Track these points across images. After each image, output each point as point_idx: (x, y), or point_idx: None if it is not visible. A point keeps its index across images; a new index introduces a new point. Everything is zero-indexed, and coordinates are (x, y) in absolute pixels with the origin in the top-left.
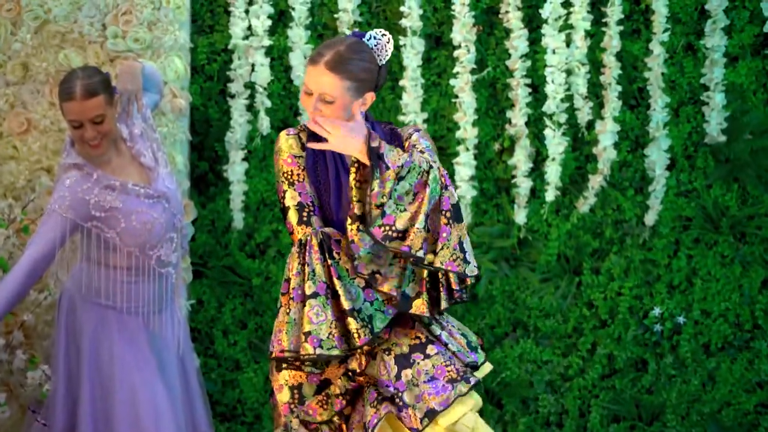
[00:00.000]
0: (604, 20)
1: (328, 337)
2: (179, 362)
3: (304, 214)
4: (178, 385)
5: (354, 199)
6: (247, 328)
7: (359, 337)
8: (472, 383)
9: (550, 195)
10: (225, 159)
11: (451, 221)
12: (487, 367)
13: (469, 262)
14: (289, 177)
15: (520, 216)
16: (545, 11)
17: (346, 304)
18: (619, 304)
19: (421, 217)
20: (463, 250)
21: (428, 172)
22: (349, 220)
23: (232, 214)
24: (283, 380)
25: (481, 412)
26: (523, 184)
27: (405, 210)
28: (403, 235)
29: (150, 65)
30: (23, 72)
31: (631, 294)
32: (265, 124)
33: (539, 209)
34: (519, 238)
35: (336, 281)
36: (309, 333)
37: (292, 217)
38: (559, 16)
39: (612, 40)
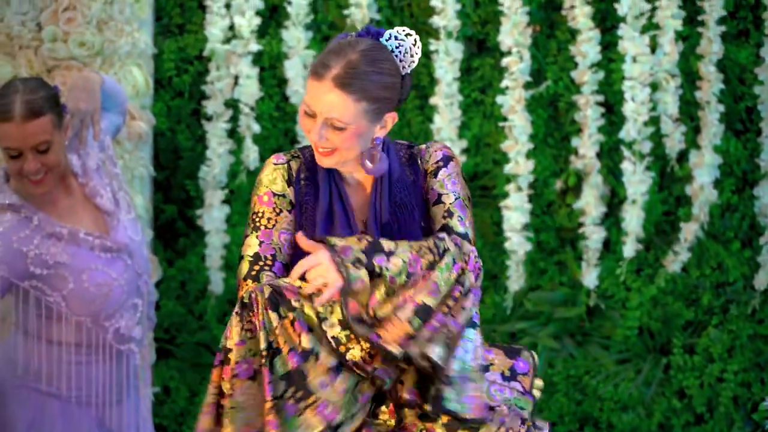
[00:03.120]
0: (700, 18)
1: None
2: None
3: (256, 267)
4: None
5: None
6: None
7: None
8: None
9: (630, 249)
10: (199, 201)
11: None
12: None
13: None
14: (257, 220)
15: (590, 277)
16: (623, 6)
17: (329, 360)
18: (721, 394)
19: (411, 307)
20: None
21: (442, 256)
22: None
23: (209, 274)
24: None
25: None
26: (594, 235)
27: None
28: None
29: (111, 78)
30: None
31: (736, 380)
32: (251, 155)
33: (615, 268)
34: (588, 307)
35: (305, 337)
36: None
37: (243, 268)
38: (641, 13)
39: (711, 45)
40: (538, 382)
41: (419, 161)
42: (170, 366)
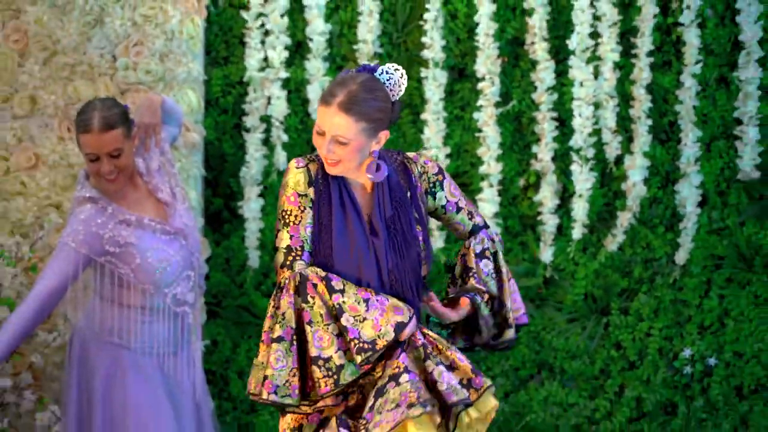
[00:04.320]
0: (633, 52)
1: (284, 384)
2: (194, 406)
3: (290, 257)
4: (193, 428)
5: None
6: None
7: (321, 387)
8: (427, 409)
9: (577, 232)
10: (240, 195)
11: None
12: (489, 403)
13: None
14: (286, 217)
15: (546, 254)
16: (572, 42)
17: (312, 351)
18: (648, 346)
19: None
20: None
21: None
22: None
23: (248, 252)
24: (286, 424)
25: None
26: (549, 222)
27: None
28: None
29: (170, 99)
30: (31, 105)
31: (660, 335)
32: (281, 158)
33: (566, 247)
34: (545, 277)
35: (307, 327)
36: (266, 377)
37: (279, 258)
38: (586, 48)
39: (642, 72)
40: (491, 403)
41: (411, 166)
42: (217, 324)
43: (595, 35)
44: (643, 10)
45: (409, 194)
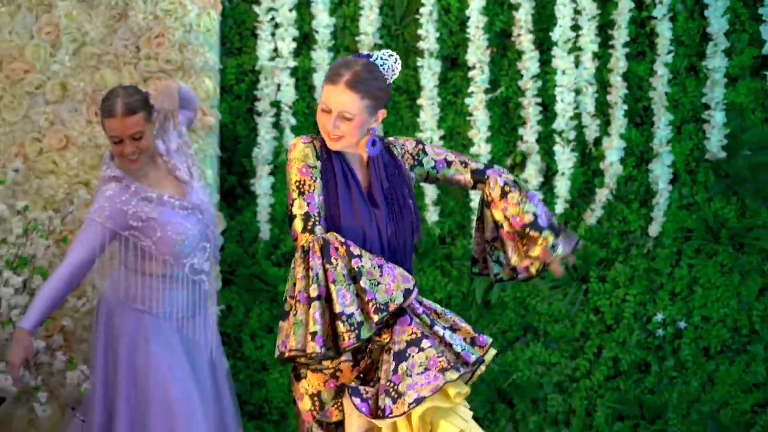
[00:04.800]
0: (611, 43)
1: (327, 338)
2: (210, 365)
3: (309, 223)
4: (209, 386)
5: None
6: (273, 332)
7: (345, 340)
8: (461, 372)
9: (560, 207)
10: (252, 173)
11: None
12: (490, 354)
13: None
14: (300, 186)
15: None
16: (555, 34)
17: (337, 308)
18: (624, 310)
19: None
20: None
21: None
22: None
23: (259, 226)
24: (303, 389)
25: (493, 411)
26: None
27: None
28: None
29: (186, 86)
30: (62, 91)
31: (635, 301)
32: (290, 140)
33: None
34: None
35: (331, 285)
36: (315, 333)
37: (298, 225)
38: (568, 39)
39: (618, 62)
40: (491, 353)
41: (393, 149)
42: (231, 291)
43: (575, 28)
44: (619, 4)
45: (396, 172)
